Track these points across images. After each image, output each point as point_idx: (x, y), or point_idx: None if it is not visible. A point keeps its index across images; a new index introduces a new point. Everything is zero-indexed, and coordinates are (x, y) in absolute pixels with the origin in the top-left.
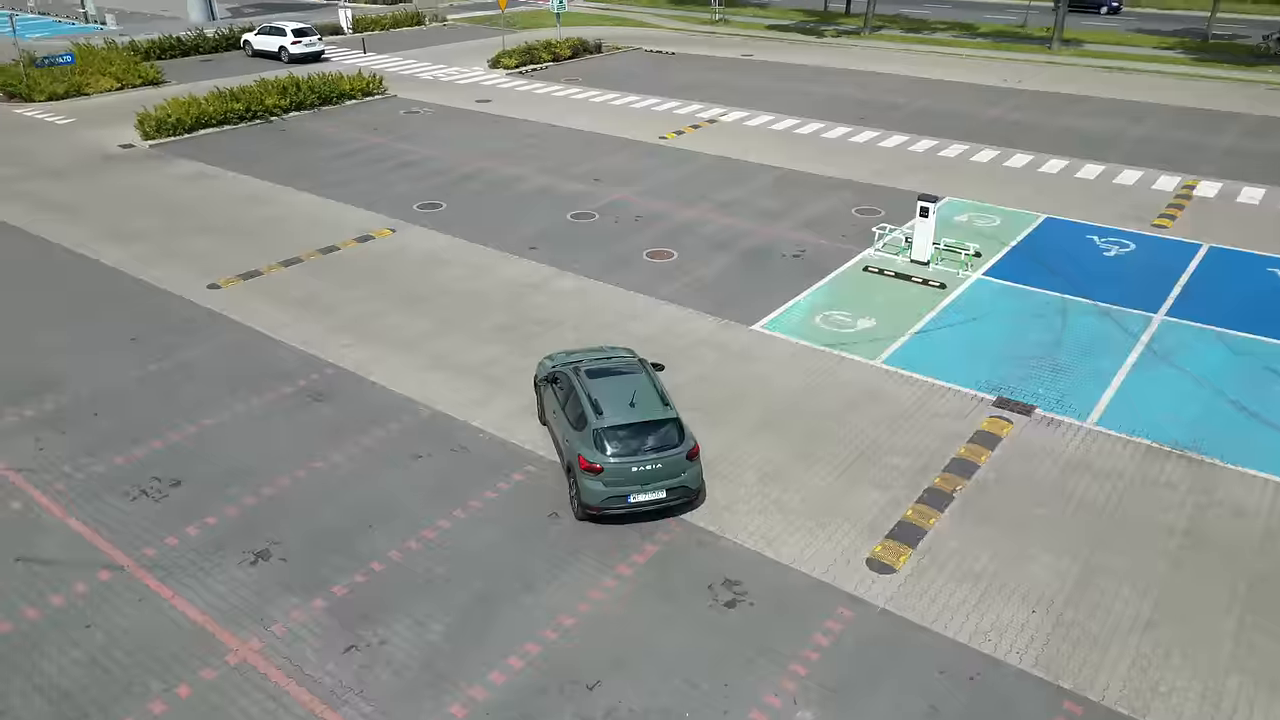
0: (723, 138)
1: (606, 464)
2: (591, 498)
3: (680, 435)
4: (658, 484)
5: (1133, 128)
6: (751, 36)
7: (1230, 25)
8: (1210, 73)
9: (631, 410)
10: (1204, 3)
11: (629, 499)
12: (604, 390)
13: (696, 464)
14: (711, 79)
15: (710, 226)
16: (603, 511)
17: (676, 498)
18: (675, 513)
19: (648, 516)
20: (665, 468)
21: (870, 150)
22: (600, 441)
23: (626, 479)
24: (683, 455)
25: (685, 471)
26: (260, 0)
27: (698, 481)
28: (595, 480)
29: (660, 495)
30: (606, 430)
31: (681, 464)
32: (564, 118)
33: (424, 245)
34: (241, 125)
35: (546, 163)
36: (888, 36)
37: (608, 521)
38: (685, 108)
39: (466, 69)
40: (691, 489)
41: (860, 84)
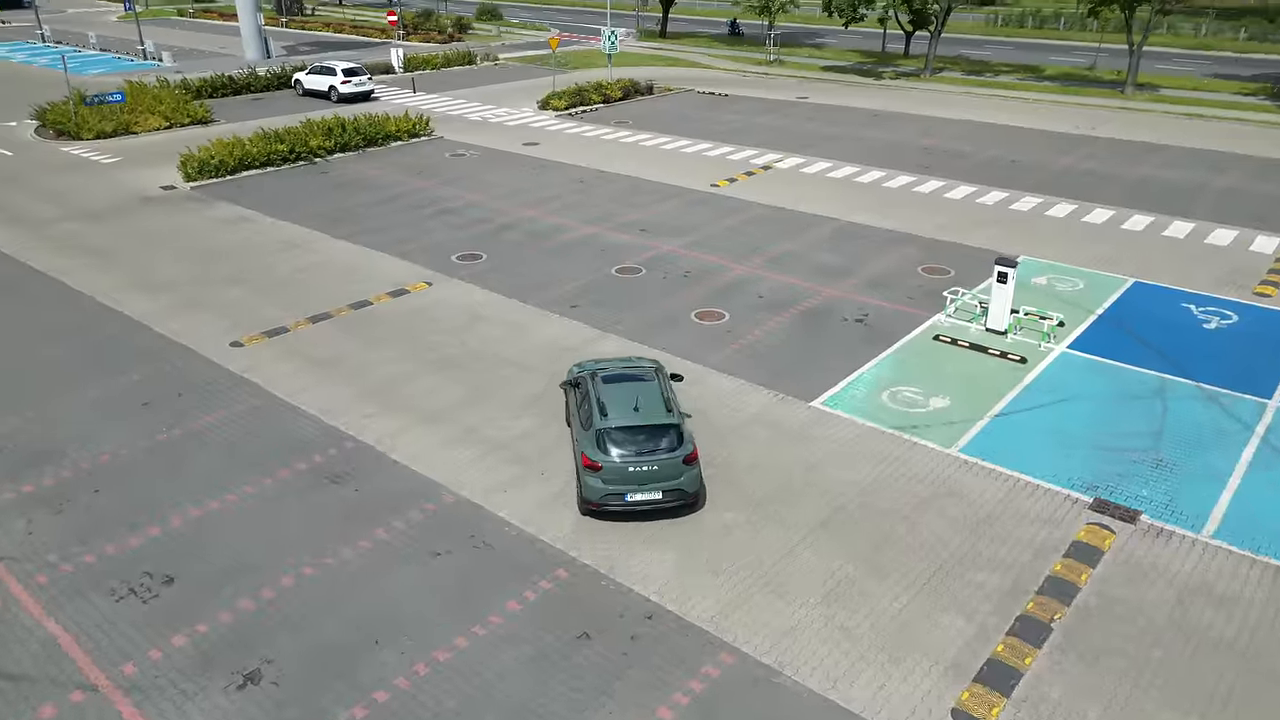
0: (777, 186)
1: (606, 462)
2: (591, 494)
3: (679, 440)
4: (654, 485)
5: (1216, 179)
6: (807, 78)
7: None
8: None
9: (634, 414)
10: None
11: (626, 497)
12: (612, 394)
13: (694, 468)
14: (765, 122)
15: (764, 284)
16: (601, 508)
17: (672, 500)
18: (672, 514)
19: (645, 516)
20: (662, 470)
21: (935, 202)
22: (601, 441)
23: (624, 478)
24: (679, 459)
25: (682, 475)
26: (316, 39)
27: (695, 485)
28: (595, 477)
29: (656, 496)
30: (607, 431)
31: (678, 467)
32: (612, 163)
33: (460, 301)
34: (285, 167)
35: (592, 211)
36: (949, 79)
37: (607, 518)
38: (738, 153)
39: (516, 110)
40: (688, 492)
41: (922, 129)
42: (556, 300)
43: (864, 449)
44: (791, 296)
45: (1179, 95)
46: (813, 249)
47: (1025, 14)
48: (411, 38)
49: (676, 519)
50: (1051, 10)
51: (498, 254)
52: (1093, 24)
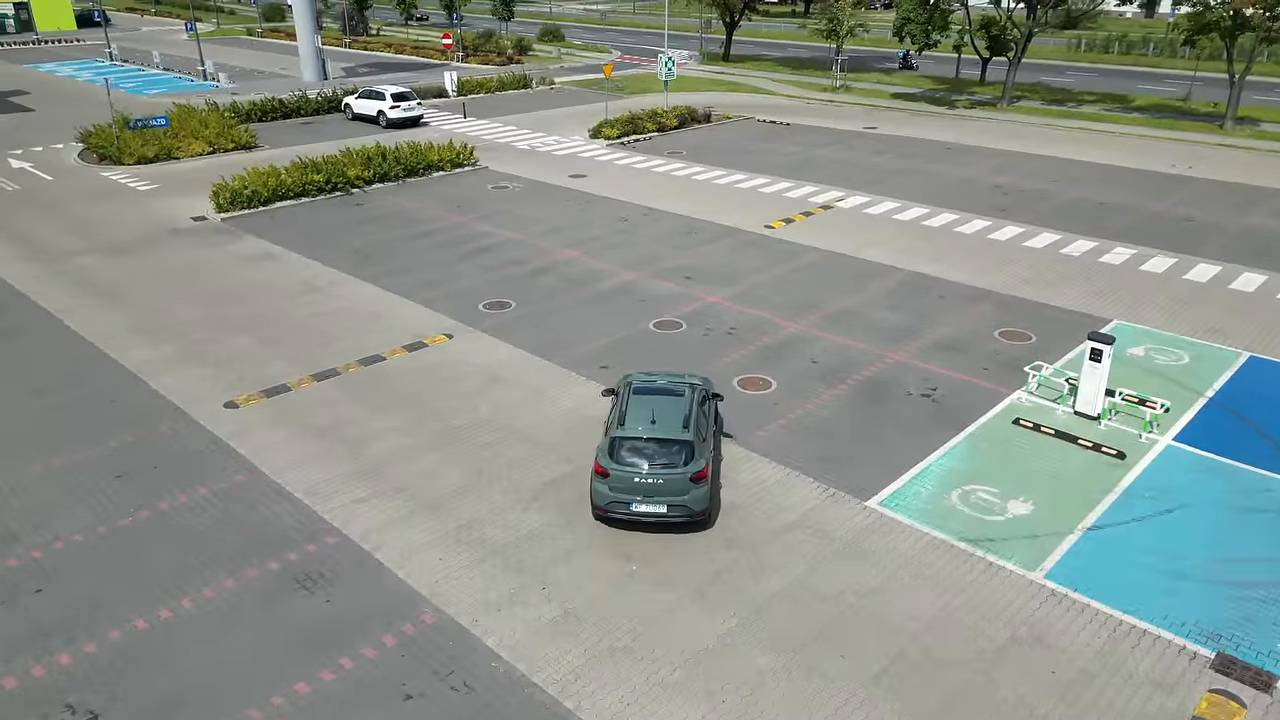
0: (838, 228)
1: (613, 470)
2: (598, 498)
3: (689, 457)
4: (660, 498)
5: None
6: (875, 106)
7: None
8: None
9: (649, 426)
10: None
11: (631, 507)
12: (637, 405)
13: (702, 487)
14: (828, 155)
15: (818, 345)
16: (607, 514)
17: (678, 515)
18: (680, 529)
19: (651, 527)
20: (667, 484)
21: (1014, 251)
22: (612, 449)
23: (629, 488)
24: (686, 476)
25: (688, 492)
26: (376, 60)
27: (703, 504)
28: (603, 483)
29: (661, 510)
30: (618, 440)
31: (684, 484)
32: (661, 198)
33: (480, 358)
34: (320, 198)
35: (634, 253)
36: (1028, 109)
37: (614, 525)
38: (797, 189)
39: (566, 138)
40: (694, 510)
41: (999, 165)
42: (585, 359)
43: (930, 570)
44: (849, 362)
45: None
46: (875, 305)
47: (1111, 39)
48: (470, 59)
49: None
50: (1140, 35)
51: (528, 302)
52: (1186, 51)
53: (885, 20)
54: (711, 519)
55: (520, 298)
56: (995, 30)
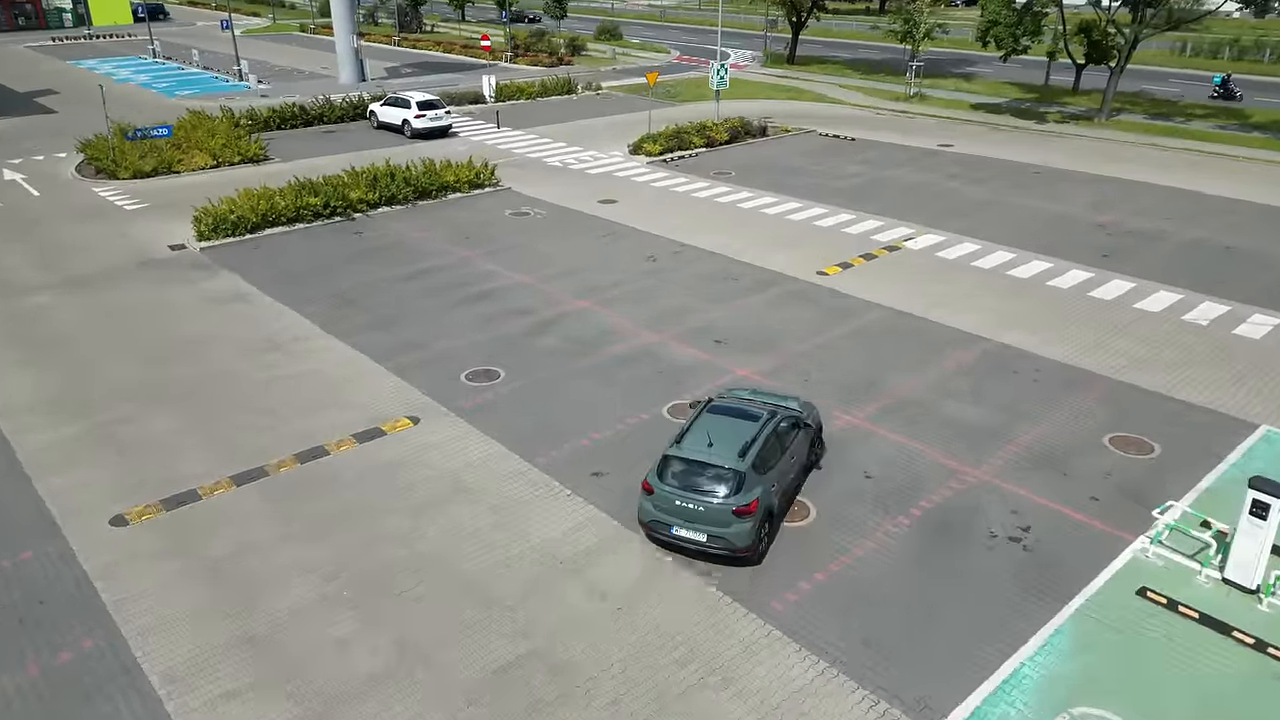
0: (905, 277)
1: (656, 488)
2: (642, 514)
3: (735, 489)
4: (700, 526)
5: None
6: (952, 119)
7: None
8: None
9: (704, 449)
10: None
11: (672, 530)
12: (704, 425)
13: (745, 522)
14: (897, 178)
15: (874, 450)
16: (651, 533)
17: (718, 548)
18: (723, 562)
19: (694, 554)
20: (707, 513)
21: (1124, 315)
22: (661, 466)
23: (670, 510)
24: (729, 509)
25: (730, 525)
26: (423, 59)
27: (746, 540)
28: (646, 500)
29: (701, 538)
30: (668, 458)
31: (725, 516)
32: (698, 232)
33: (445, 456)
34: (317, 224)
35: (658, 306)
36: (1128, 125)
37: (658, 544)
38: (858, 223)
39: (604, 153)
40: (736, 545)
41: (1098, 195)
42: (574, 461)
43: None
44: (915, 479)
45: None
46: (949, 389)
47: (1221, 43)
48: (520, 60)
49: None
50: (1252, 39)
51: (521, 371)
52: None
53: (966, 19)
54: (759, 555)
55: (513, 364)
56: (1096, 35)
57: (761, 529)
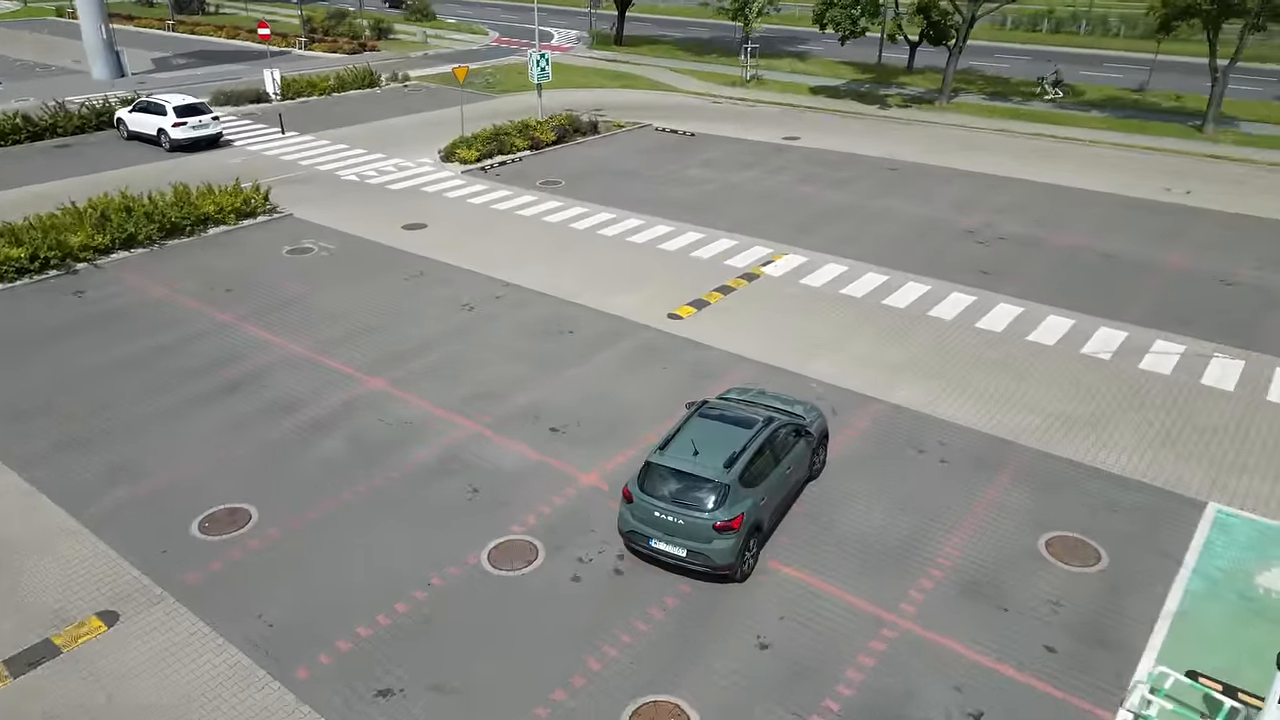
0: (770, 316)
1: (636, 496)
2: (621, 523)
3: (718, 503)
4: (680, 540)
5: None
6: (794, 106)
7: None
8: None
9: (689, 458)
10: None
11: (650, 542)
12: (691, 430)
13: (727, 539)
14: (746, 182)
15: (765, 595)
16: (630, 544)
17: (697, 564)
18: (703, 578)
19: (673, 569)
20: (686, 526)
21: (1020, 352)
22: (642, 473)
23: (649, 521)
24: (709, 524)
25: (711, 541)
26: (202, 47)
27: (728, 558)
28: (626, 508)
29: (680, 553)
30: (650, 466)
31: (706, 531)
32: (525, 265)
33: (151, 685)
34: (20, 283)
35: (475, 379)
36: (969, 107)
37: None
38: (708, 244)
39: (410, 161)
40: (716, 563)
41: (960, 195)
42: (356, 670)
43: None
44: (823, 644)
45: (1274, 135)
46: (846, 491)
47: (1039, 16)
48: (316, 46)
49: None
50: (1068, 11)
51: (283, 507)
52: (1119, 29)
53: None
54: (741, 574)
55: (272, 495)
56: (935, 15)
57: (746, 547)
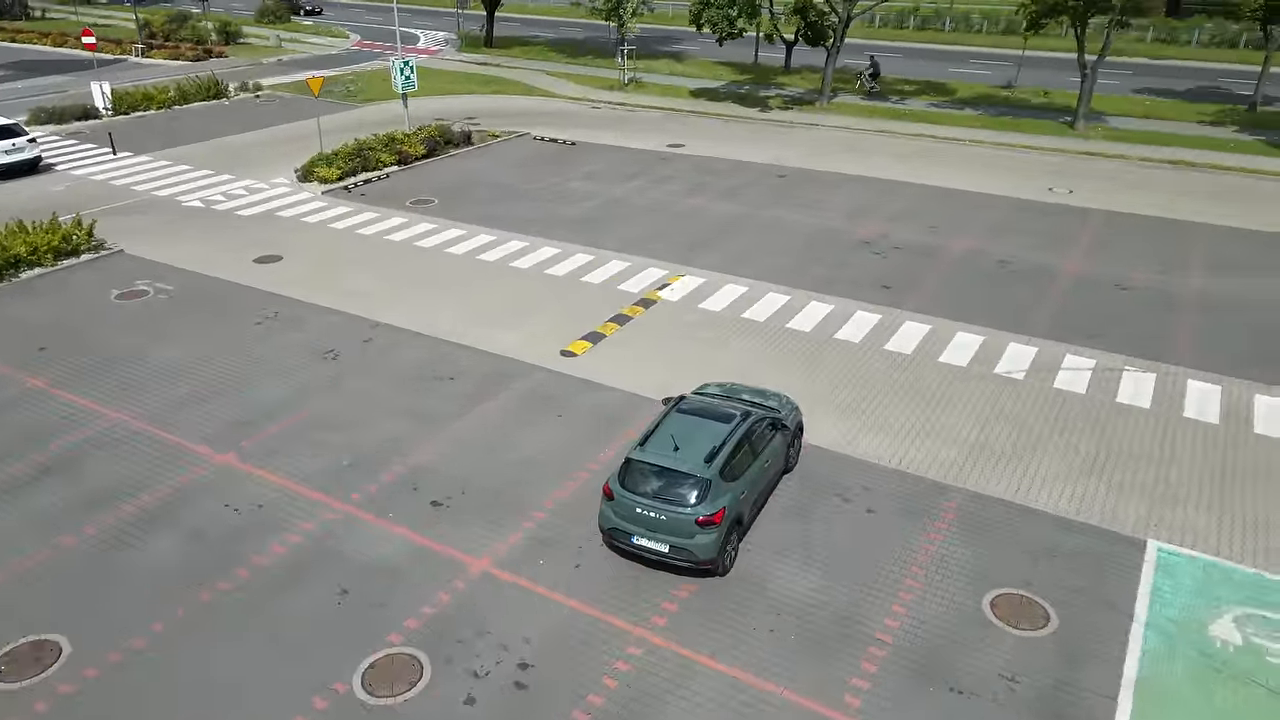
0: (671, 348)
1: (617, 493)
2: (603, 520)
3: (700, 498)
4: (662, 536)
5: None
6: (675, 110)
7: (1240, 79)
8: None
9: (669, 453)
10: (1218, 54)
11: (633, 539)
12: (670, 426)
13: (710, 534)
14: (632, 195)
15: (677, 697)
16: (612, 541)
17: (680, 559)
18: (686, 574)
19: (656, 565)
20: (668, 522)
21: (933, 375)
22: (622, 469)
23: (630, 518)
24: (691, 518)
25: (693, 536)
26: (19, 57)
27: (710, 552)
28: (607, 505)
29: (662, 549)
30: (630, 462)
31: (688, 526)
32: (396, 299)
33: None
34: None
35: (341, 446)
36: (849, 108)
37: (619, 554)
38: (599, 266)
39: (263, 182)
40: (699, 557)
41: (852, 201)
42: None
43: None
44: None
45: (1140, 130)
46: (779, 541)
47: (905, 13)
48: (156, 53)
49: None
50: (932, 9)
51: (104, 634)
52: (981, 25)
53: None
54: (723, 569)
55: (91, 618)
56: (812, 16)
57: (728, 540)
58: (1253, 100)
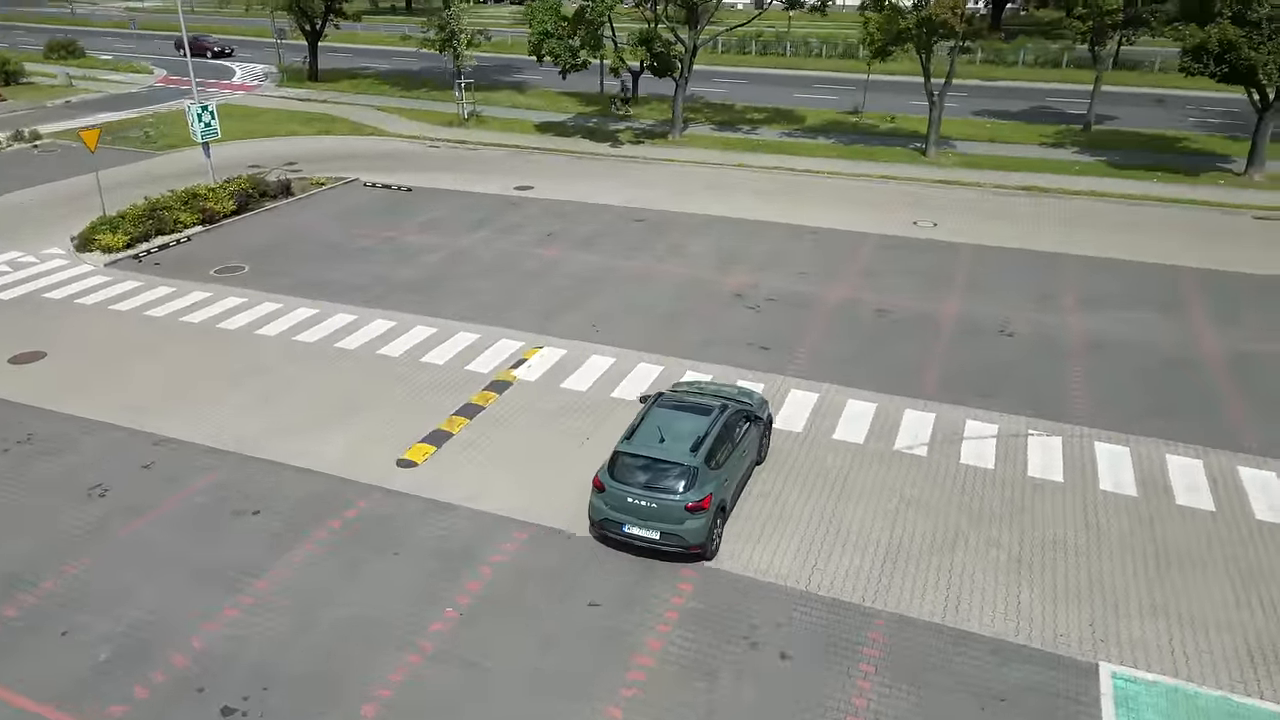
0: (536, 443)
1: (608, 485)
2: (593, 513)
3: (688, 485)
4: (653, 524)
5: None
6: (520, 147)
7: (1071, 99)
8: (1167, 189)
9: (656, 445)
10: (1044, 74)
11: (624, 529)
12: (654, 419)
13: (700, 518)
14: (478, 248)
15: None
16: (602, 532)
17: (671, 545)
18: (677, 559)
19: (646, 553)
20: (660, 510)
21: (839, 460)
22: (611, 463)
23: (622, 508)
24: (680, 505)
25: (684, 522)
26: None
27: (700, 537)
28: (598, 498)
29: (654, 535)
30: (619, 454)
31: (678, 513)
32: (187, 402)
33: None
34: None
35: (107, 631)
36: (703, 140)
37: (609, 545)
38: (446, 341)
39: (33, 253)
40: (689, 542)
41: (717, 245)
42: None
43: None
44: None
45: (988, 154)
46: (672, 714)
47: (747, 38)
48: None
49: None
50: (773, 34)
51: None
52: (820, 49)
53: (498, 16)
54: (711, 552)
55: None
56: (658, 47)
57: (714, 525)
58: (1087, 120)
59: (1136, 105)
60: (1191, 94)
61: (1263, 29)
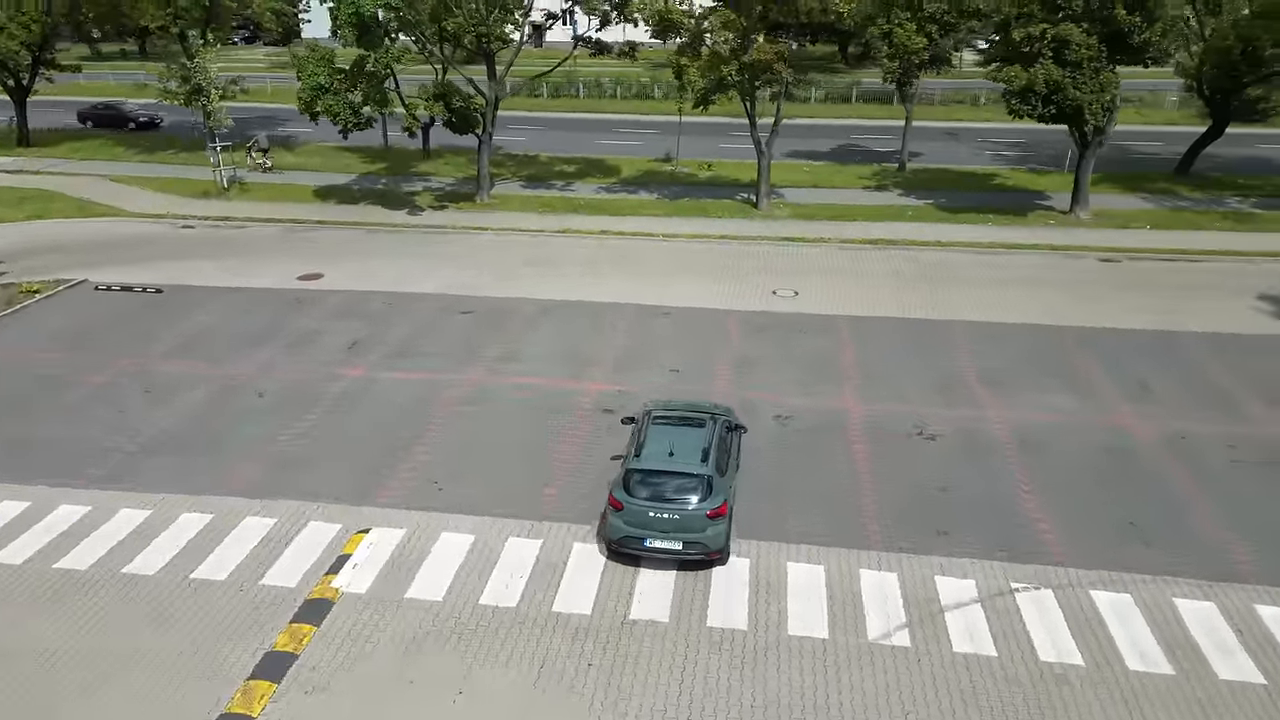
0: (385, 706)
1: (628, 504)
2: (612, 532)
3: (706, 493)
4: (675, 535)
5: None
6: (299, 220)
7: (879, 136)
8: (1004, 233)
9: (667, 459)
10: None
11: (645, 542)
12: (656, 436)
13: (719, 524)
14: (259, 375)
15: None
16: (621, 549)
17: (694, 552)
18: (696, 567)
19: (666, 564)
20: (682, 520)
21: (800, 675)
22: (627, 481)
23: (643, 523)
24: (703, 513)
25: (706, 529)
26: None
27: (719, 542)
28: (617, 517)
29: (676, 546)
30: (634, 472)
31: (700, 521)
32: None
33: None
34: None
35: None
36: (517, 201)
37: (626, 560)
38: (225, 537)
39: None
40: (710, 548)
41: (561, 341)
42: None
43: None
44: None
45: (817, 203)
46: None
47: (536, 81)
48: None
49: None
50: (563, 76)
51: None
52: (613, 90)
53: (251, 60)
54: (725, 556)
55: None
56: (456, 102)
57: (729, 530)
58: (900, 159)
59: (932, 139)
60: (978, 126)
61: (1084, 69)
